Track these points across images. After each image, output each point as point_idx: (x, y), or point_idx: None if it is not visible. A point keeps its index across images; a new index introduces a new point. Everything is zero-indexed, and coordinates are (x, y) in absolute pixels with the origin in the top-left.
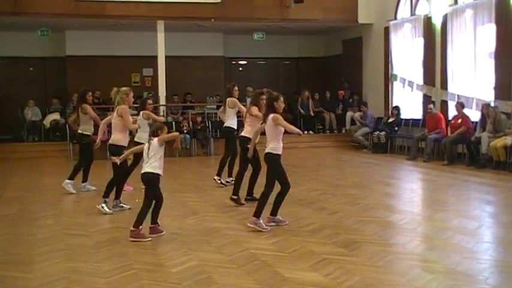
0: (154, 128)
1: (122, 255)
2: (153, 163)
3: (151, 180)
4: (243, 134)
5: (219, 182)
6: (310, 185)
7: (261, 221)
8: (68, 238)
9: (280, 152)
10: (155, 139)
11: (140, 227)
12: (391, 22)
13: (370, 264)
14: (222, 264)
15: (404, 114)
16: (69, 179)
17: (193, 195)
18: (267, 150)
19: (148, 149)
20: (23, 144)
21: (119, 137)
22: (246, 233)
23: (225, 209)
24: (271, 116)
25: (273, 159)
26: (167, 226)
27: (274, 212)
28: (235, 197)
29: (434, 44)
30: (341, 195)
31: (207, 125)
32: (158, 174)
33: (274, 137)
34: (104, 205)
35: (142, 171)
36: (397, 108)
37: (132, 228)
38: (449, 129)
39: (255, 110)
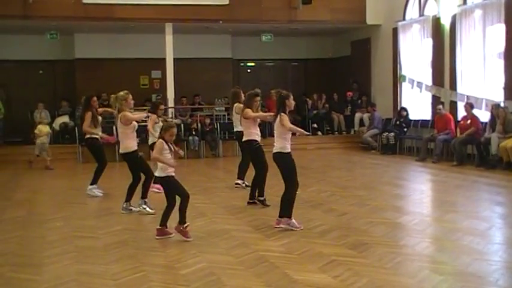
0: (161, 129)
1: (131, 257)
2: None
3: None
4: (245, 138)
5: (243, 184)
6: (319, 187)
7: (293, 221)
8: (77, 240)
9: (289, 151)
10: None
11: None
12: (400, 23)
13: (379, 265)
14: (231, 266)
15: (413, 115)
16: (91, 184)
17: (202, 197)
18: (276, 150)
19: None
20: (32, 146)
21: (130, 144)
22: (254, 235)
23: (233, 210)
24: (280, 115)
25: (284, 157)
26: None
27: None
28: (261, 198)
29: (443, 45)
30: (350, 196)
31: (216, 126)
32: (161, 177)
33: (283, 136)
34: (144, 206)
35: None
36: (405, 109)
37: (158, 226)
38: (458, 130)
39: (248, 112)
